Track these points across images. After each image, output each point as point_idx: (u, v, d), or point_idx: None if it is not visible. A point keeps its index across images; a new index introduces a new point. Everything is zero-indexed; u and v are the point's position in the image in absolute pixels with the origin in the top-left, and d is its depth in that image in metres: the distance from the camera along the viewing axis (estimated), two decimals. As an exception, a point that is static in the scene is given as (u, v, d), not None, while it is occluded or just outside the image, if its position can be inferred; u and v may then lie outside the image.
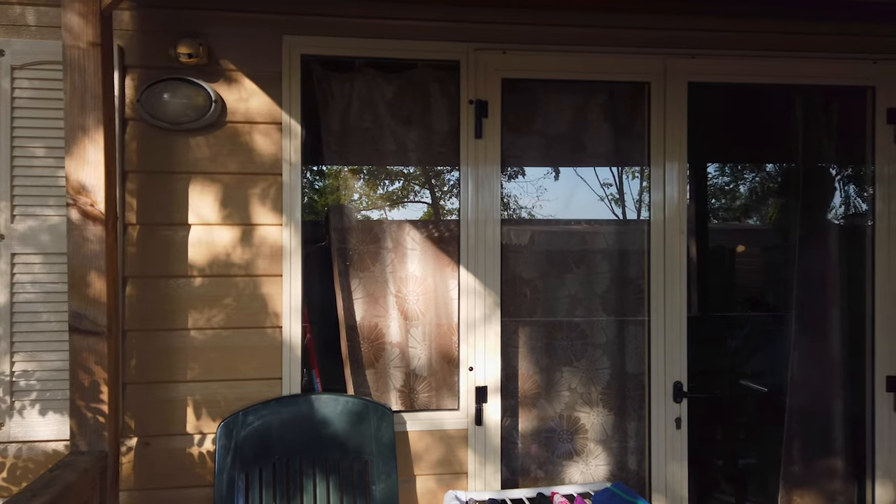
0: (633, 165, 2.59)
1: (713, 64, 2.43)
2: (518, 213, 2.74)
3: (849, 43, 2.49)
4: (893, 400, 2.48)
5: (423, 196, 2.99)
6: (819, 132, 2.66)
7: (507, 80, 2.41)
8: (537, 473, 2.54)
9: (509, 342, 2.56)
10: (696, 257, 3.70)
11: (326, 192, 2.67)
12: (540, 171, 2.76)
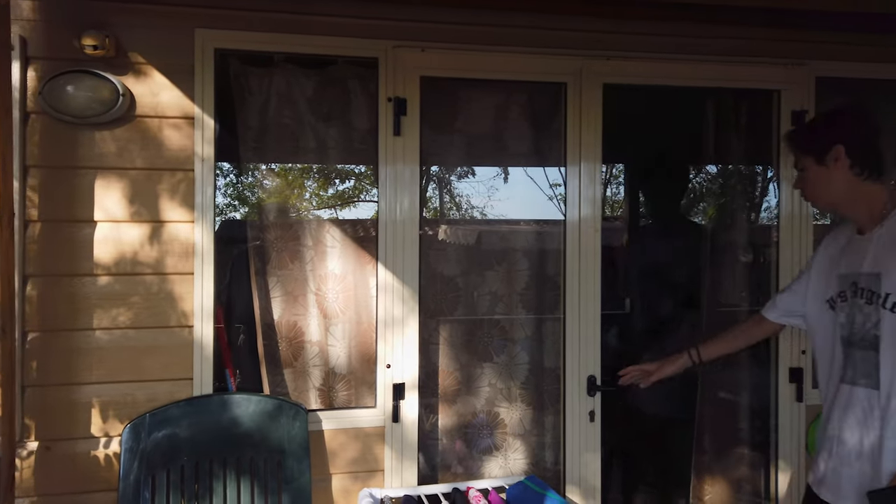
0: (553, 165, 2.63)
1: (628, 66, 2.49)
2: (441, 212, 2.76)
3: (758, 47, 2.59)
4: (795, 390, 2.60)
5: (349, 193, 2.97)
6: (729, 133, 2.76)
7: (427, 78, 2.42)
8: (457, 469, 2.57)
9: (430, 339, 2.58)
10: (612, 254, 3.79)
11: (244, 190, 2.63)
12: (463, 169, 2.79)
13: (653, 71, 2.51)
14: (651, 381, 2.18)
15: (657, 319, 3.13)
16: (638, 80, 2.52)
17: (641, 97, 2.70)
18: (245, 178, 2.68)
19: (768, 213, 3.09)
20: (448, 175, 2.92)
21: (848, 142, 1.73)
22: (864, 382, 1.68)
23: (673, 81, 2.56)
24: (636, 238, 3.95)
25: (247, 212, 2.34)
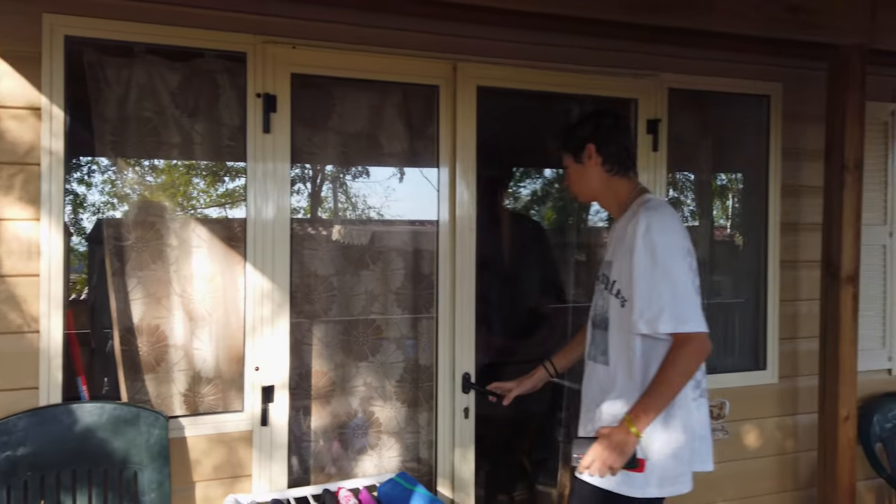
0: (428, 166, 2.67)
1: (500, 71, 2.55)
2: (314, 211, 2.73)
3: (618, 59, 2.75)
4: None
5: (219, 191, 2.88)
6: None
7: (299, 75, 2.39)
8: (331, 469, 2.55)
9: (303, 340, 2.55)
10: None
11: (104, 186, 2.49)
12: (339, 169, 2.78)
13: (524, 77, 2.59)
14: (511, 397, 2.26)
15: (517, 315, 3.25)
16: (510, 85, 2.59)
17: (515, 103, 2.80)
18: (104, 174, 2.53)
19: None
20: (342, 174, 2.89)
21: (598, 141, 1.92)
22: (601, 360, 1.90)
23: (542, 87, 2.65)
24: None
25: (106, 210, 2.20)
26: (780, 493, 3.05)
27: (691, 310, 1.72)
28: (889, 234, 3.19)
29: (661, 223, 1.77)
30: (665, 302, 1.71)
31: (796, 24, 2.56)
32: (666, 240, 1.76)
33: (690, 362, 1.73)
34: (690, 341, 1.71)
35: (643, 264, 1.75)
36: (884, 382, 3.20)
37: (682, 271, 1.75)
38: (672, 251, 1.75)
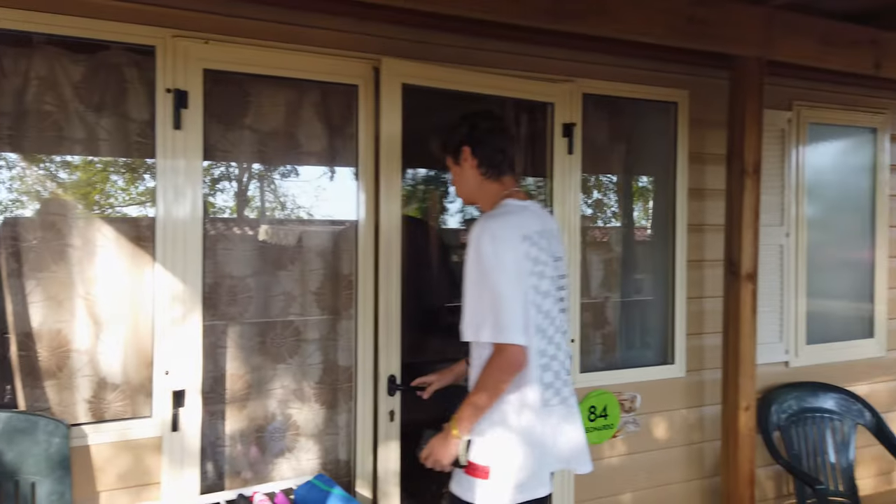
0: (348, 165, 2.65)
1: (426, 69, 2.54)
2: (230, 210, 2.67)
3: (534, 63, 2.81)
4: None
5: (130, 189, 2.77)
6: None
7: (212, 71, 2.33)
8: (247, 474, 2.50)
9: (218, 343, 2.48)
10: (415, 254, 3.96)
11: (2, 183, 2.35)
12: (257, 168, 2.72)
13: (450, 77, 2.59)
14: (431, 391, 2.28)
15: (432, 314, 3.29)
16: (436, 84, 2.57)
17: (430, 103, 2.81)
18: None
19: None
20: (260, 173, 2.82)
21: (473, 143, 1.95)
22: (470, 362, 1.95)
23: (465, 88, 2.64)
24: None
25: (1, 208, 2.06)
26: (687, 481, 3.20)
27: (511, 321, 1.73)
28: (786, 235, 3.40)
29: (491, 232, 1.78)
30: (484, 312, 1.75)
31: (698, 34, 2.70)
32: (493, 249, 1.76)
33: (501, 373, 1.75)
34: (503, 352, 1.74)
35: (471, 273, 1.79)
36: (781, 374, 3.41)
37: (507, 282, 1.75)
38: (498, 261, 1.75)
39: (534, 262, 1.82)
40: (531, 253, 1.82)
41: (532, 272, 1.80)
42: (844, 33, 3.02)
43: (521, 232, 1.82)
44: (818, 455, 3.32)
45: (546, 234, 1.90)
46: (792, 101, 3.40)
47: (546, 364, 1.85)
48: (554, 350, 1.87)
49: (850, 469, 3.34)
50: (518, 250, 1.79)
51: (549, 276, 1.85)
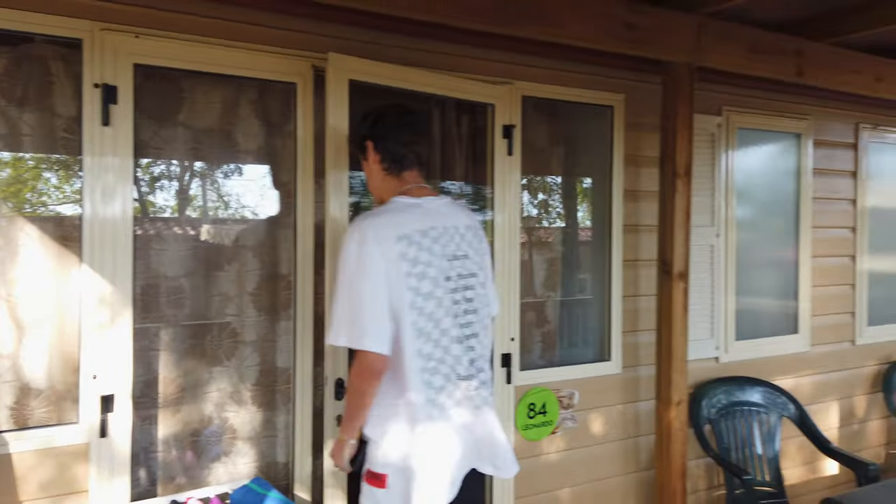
0: (286, 164, 2.62)
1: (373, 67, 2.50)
2: (164, 209, 2.60)
3: (477, 67, 2.84)
4: (506, 374, 2.90)
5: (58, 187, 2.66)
6: (453, 140, 3.00)
7: (143, 66, 2.26)
8: (181, 480, 2.44)
9: (151, 346, 2.42)
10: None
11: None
12: (191, 166, 2.65)
13: (398, 75, 2.56)
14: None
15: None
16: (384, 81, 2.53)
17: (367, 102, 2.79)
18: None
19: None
20: (195, 171, 2.74)
21: (376, 138, 1.90)
22: None
23: (411, 86, 2.60)
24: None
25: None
26: (624, 475, 3.29)
27: (366, 327, 1.69)
28: (716, 235, 3.54)
29: (360, 233, 1.73)
30: (343, 316, 1.72)
31: (635, 41, 2.78)
32: (357, 251, 1.72)
33: (360, 380, 1.73)
34: (360, 358, 1.72)
35: (337, 275, 1.76)
36: (712, 369, 3.55)
37: (367, 286, 1.70)
38: (360, 264, 1.71)
39: (411, 263, 1.75)
40: (408, 253, 1.75)
41: (410, 273, 1.74)
42: (771, 42, 3.15)
43: (397, 232, 1.76)
44: (746, 447, 3.46)
45: (437, 232, 1.82)
46: (722, 106, 3.53)
47: (434, 367, 1.78)
48: (441, 353, 1.79)
49: (776, 460, 3.50)
50: (390, 251, 1.73)
51: (431, 276, 1.77)
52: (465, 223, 1.93)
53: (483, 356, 1.92)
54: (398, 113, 1.93)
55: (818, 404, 3.95)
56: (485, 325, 1.95)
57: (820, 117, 3.89)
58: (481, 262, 1.95)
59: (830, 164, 3.97)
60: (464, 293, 1.85)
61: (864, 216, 4.11)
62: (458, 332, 1.84)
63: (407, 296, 1.73)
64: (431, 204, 1.88)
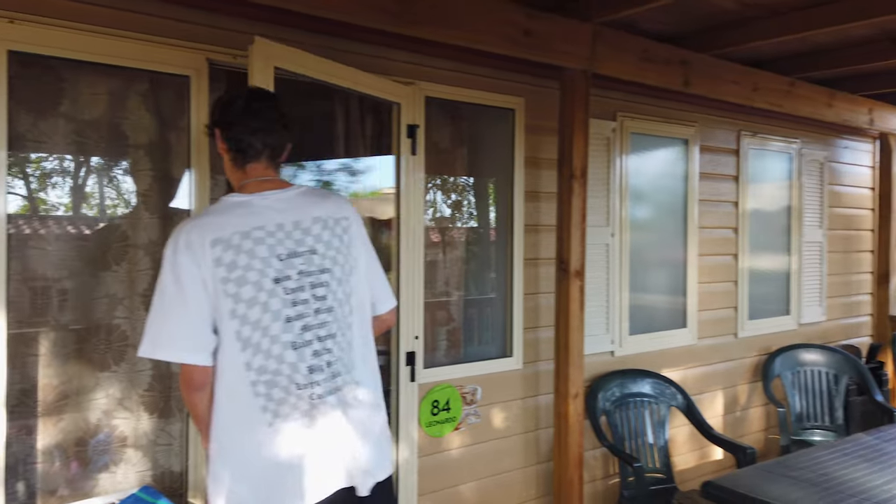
0: (180, 159, 2.53)
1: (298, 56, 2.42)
2: (45, 206, 2.45)
3: (383, 65, 2.84)
4: (410, 372, 2.93)
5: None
6: (358, 137, 3.00)
7: (18, 53, 2.12)
8: (64, 491, 2.31)
9: (28, 351, 2.27)
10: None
11: None
12: (72, 159, 2.51)
13: (318, 67, 2.49)
14: None
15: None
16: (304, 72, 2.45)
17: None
18: None
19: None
20: (81, 165, 2.59)
21: (222, 125, 1.77)
22: None
23: (332, 80, 2.56)
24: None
25: None
26: (524, 468, 3.39)
27: (179, 338, 1.61)
28: (611, 235, 3.70)
29: (175, 239, 1.65)
30: (155, 327, 1.63)
31: (533, 46, 2.87)
32: (170, 259, 1.63)
33: (185, 393, 1.69)
34: (182, 371, 1.66)
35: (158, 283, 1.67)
36: (607, 363, 3.71)
37: (178, 297, 1.60)
38: (172, 272, 1.62)
39: (228, 269, 1.61)
40: (224, 258, 1.61)
41: (227, 279, 1.60)
42: (660, 52, 3.34)
43: (213, 236, 1.62)
44: (639, 436, 3.65)
45: (263, 232, 1.67)
46: (617, 112, 3.70)
47: (270, 380, 1.62)
48: (276, 364, 1.63)
49: (666, 447, 3.71)
50: (204, 258, 1.60)
51: (253, 280, 1.62)
52: (315, 215, 1.75)
53: (341, 359, 1.73)
54: (248, 98, 1.79)
55: (705, 394, 4.22)
56: (350, 324, 1.77)
57: (705, 124, 4.16)
58: (337, 256, 1.76)
59: (715, 169, 4.25)
60: (312, 291, 1.69)
61: (744, 218, 4.42)
62: (292, 336, 1.66)
63: (226, 304, 1.60)
64: (265, 200, 1.72)
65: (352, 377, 1.76)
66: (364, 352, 1.82)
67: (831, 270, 5.05)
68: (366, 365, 1.82)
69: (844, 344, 4.99)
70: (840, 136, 5.06)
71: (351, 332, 1.78)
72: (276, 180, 1.80)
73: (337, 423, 1.70)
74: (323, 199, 1.82)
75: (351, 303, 1.78)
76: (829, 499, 2.30)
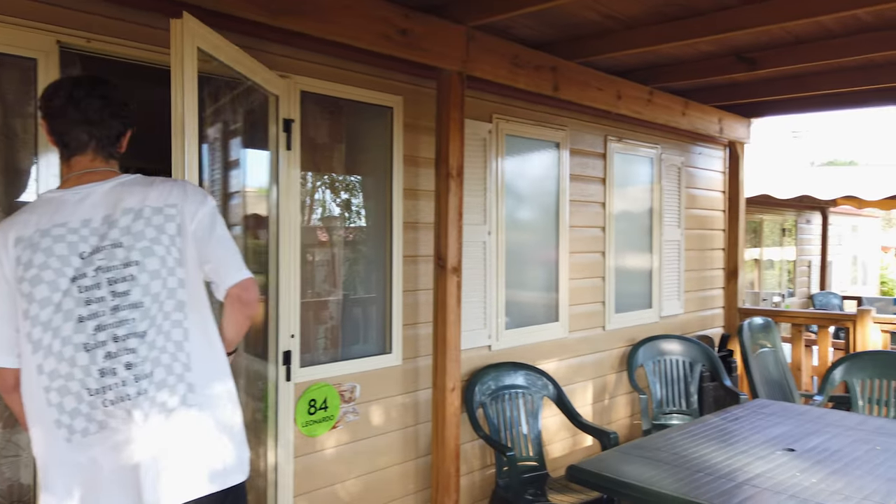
0: (28, 150, 2.34)
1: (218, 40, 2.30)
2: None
3: (258, 59, 2.76)
4: (286, 371, 2.87)
5: None
6: (232, 127, 2.91)
7: None
8: None
9: None
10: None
11: None
12: None
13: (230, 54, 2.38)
14: None
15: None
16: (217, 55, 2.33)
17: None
18: None
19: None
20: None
21: (48, 115, 1.68)
22: None
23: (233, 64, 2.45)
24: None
25: None
26: (403, 463, 3.42)
27: None
28: (488, 233, 3.82)
29: None
30: None
31: (409, 46, 2.91)
32: None
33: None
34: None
35: None
36: (485, 357, 3.83)
37: None
38: None
39: (25, 268, 1.56)
40: (23, 257, 1.57)
41: (23, 279, 1.55)
42: (531, 58, 3.49)
43: (17, 234, 1.58)
44: (513, 427, 3.79)
45: (64, 229, 1.59)
46: (493, 114, 3.82)
47: (62, 387, 1.53)
48: (68, 367, 1.53)
49: (539, 437, 3.88)
50: (8, 257, 1.58)
51: (48, 280, 1.55)
52: (127, 206, 1.63)
53: (152, 360, 1.58)
54: (71, 87, 1.67)
55: (576, 384, 4.45)
56: (176, 320, 1.63)
57: (575, 128, 4.39)
58: (154, 248, 1.62)
59: (584, 171, 4.49)
60: (110, 288, 1.57)
61: (611, 218, 4.71)
62: (84, 338, 1.54)
63: (22, 304, 1.55)
64: (77, 195, 1.63)
65: (170, 379, 1.59)
66: (201, 350, 1.65)
67: (688, 267, 5.48)
68: (202, 364, 1.65)
69: (700, 334, 5.43)
70: (695, 142, 5.51)
71: (178, 328, 1.62)
72: (102, 171, 1.68)
73: (137, 434, 1.55)
74: (147, 187, 1.68)
75: (177, 297, 1.63)
76: (679, 475, 2.51)
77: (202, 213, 1.71)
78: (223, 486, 1.64)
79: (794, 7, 2.97)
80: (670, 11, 3.14)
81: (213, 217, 1.73)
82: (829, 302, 9.85)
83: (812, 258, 11.23)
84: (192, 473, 1.60)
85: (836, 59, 3.70)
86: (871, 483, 2.41)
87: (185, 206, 1.68)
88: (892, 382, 4.09)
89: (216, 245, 1.72)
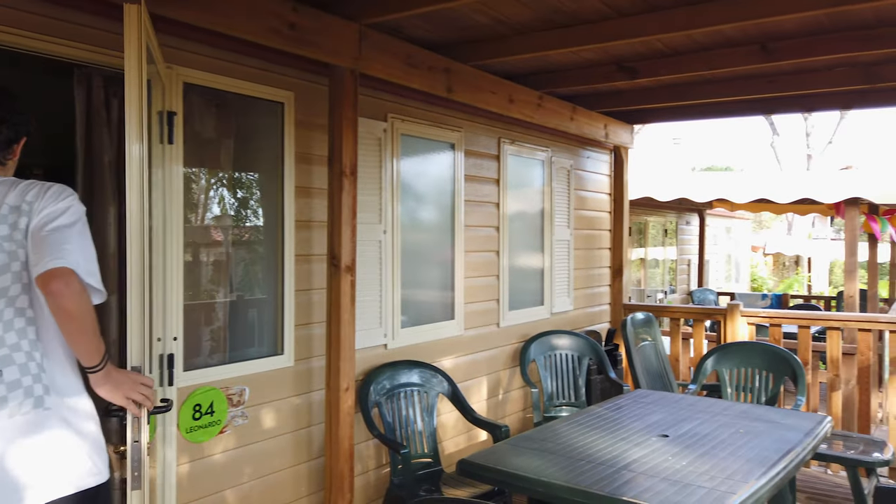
0: None
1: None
2: None
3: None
4: (168, 376, 2.74)
5: None
6: (100, 120, 2.75)
7: None
8: None
9: None
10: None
11: None
12: None
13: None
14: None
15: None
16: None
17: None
18: None
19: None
20: None
21: None
22: None
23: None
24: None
25: None
26: (296, 465, 3.35)
27: None
28: (384, 232, 3.82)
29: None
30: None
31: (298, 41, 2.86)
32: None
33: None
34: None
35: None
36: (381, 356, 3.82)
37: None
38: None
39: None
40: None
41: None
42: (424, 59, 3.52)
43: None
44: (409, 424, 3.81)
45: None
46: (388, 113, 3.82)
47: None
48: None
49: (434, 433, 3.92)
50: None
51: None
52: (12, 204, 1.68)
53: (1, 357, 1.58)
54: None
55: (472, 380, 4.53)
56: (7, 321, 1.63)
57: (470, 130, 4.47)
58: (1, 245, 1.65)
59: (479, 172, 4.58)
60: None
61: (505, 218, 4.83)
62: None
63: None
64: None
65: (25, 380, 1.59)
66: (54, 350, 1.65)
67: (577, 265, 5.72)
68: (56, 364, 1.65)
69: (588, 330, 5.69)
70: (583, 146, 5.76)
71: (32, 326, 1.63)
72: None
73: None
74: (11, 187, 1.71)
75: (9, 294, 1.63)
76: (563, 464, 2.61)
77: (50, 209, 1.67)
78: (77, 489, 1.63)
79: (667, 21, 3.17)
80: (558, 19, 3.26)
81: (60, 213, 1.68)
82: (706, 298, 10.59)
83: (691, 257, 12.04)
84: (40, 476, 1.58)
85: (707, 71, 3.99)
86: (734, 463, 2.61)
87: (36, 204, 1.68)
88: (755, 371, 4.46)
89: (46, 235, 1.65)
